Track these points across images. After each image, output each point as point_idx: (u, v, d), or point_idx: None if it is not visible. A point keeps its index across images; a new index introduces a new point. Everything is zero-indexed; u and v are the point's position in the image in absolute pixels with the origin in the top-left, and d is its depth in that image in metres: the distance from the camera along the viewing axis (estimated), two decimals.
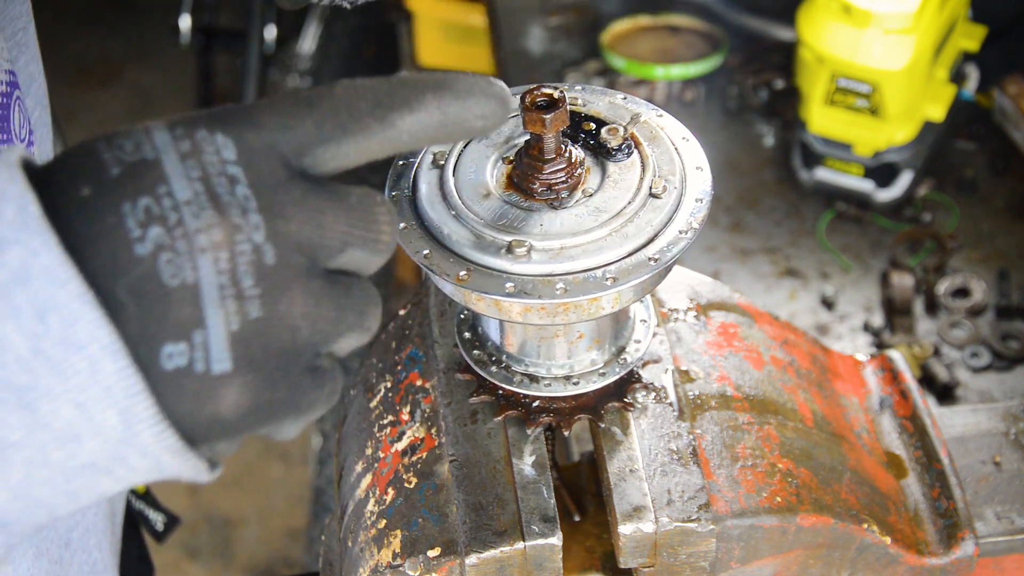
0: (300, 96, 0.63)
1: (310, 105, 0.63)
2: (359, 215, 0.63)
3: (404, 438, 0.92)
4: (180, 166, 0.60)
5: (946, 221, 1.86)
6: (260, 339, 0.60)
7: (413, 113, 0.64)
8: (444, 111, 0.64)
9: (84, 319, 0.57)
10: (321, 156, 0.63)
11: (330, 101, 0.63)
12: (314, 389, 0.63)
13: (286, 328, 0.61)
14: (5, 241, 0.57)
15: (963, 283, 1.75)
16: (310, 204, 0.62)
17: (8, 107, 0.91)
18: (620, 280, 0.76)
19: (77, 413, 0.58)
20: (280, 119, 0.62)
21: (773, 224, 1.90)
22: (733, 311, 1.00)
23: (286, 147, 0.62)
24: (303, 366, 0.62)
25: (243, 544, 3.24)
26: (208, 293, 0.58)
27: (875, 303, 1.76)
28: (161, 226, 0.58)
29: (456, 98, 0.64)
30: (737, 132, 2.06)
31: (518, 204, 0.80)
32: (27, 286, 0.57)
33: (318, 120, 0.63)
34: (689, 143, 0.84)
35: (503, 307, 0.77)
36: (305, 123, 0.63)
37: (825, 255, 1.84)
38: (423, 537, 0.85)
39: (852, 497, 0.92)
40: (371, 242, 0.64)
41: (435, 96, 0.64)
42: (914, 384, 1.04)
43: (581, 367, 0.88)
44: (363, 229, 0.63)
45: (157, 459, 0.61)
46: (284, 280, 0.60)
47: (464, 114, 0.65)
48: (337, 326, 0.63)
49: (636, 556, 0.86)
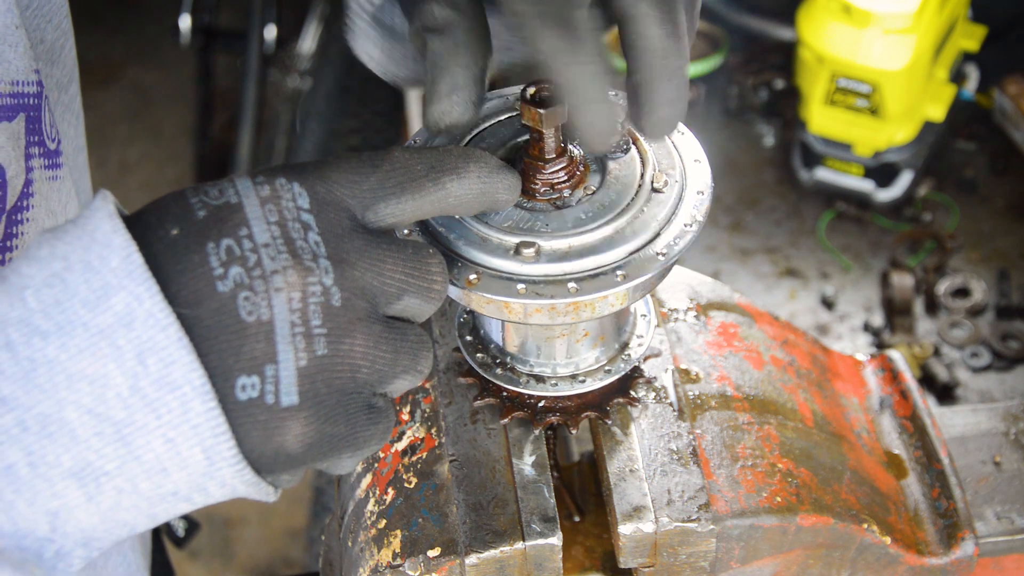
0: (365, 157, 0.70)
1: (374, 166, 0.70)
2: (414, 265, 0.69)
3: (404, 438, 0.92)
4: (260, 210, 0.66)
5: (946, 221, 1.86)
6: (324, 375, 0.65)
7: (460, 179, 0.71)
8: (483, 180, 0.72)
9: (180, 362, 0.62)
10: (382, 211, 0.70)
11: (391, 163, 0.70)
12: (370, 426, 0.68)
13: (348, 367, 0.66)
14: (111, 287, 0.62)
15: (963, 283, 1.75)
16: (372, 254, 0.68)
17: (40, 108, 0.94)
18: (631, 276, 0.76)
19: (167, 448, 0.63)
20: (348, 175, 0.69)
21: (773, 224, 1.90)
22: (733, 311, 1.00)
23: (352, 201, 0.69)
24: (361, 404, 0.68)
25: (243, 544, 3.24)
26: (281, 330, 0.64)
27: (875, 303, 1.76)
28: (241, 266, 0.64)
29: (491, 172, 0.73)
30: (737, 132, 2.06)
31: (521, 205, 0.80)
32: (130, 329, 0.62)
33: (381, 179, 0.69)
34: (685, 137, 0.84)
35: (513, 309, 0.77)
36: (370, 180, 0.69)
37: (825, 255, 1.84)
38: (423, 537, 0.85)
39: (852, 497, 0.92)
40: (425, 290, 0.70)
41: (476, 167, 0.72)
42: (914, 384, 1.04)
43: (586, 365, 0.88)
44: (418, 278, 0.69)
45: (233, 489, 0.67)
46: (348, 322, 0.66)
47: (495, 184, 0.73)
48: (393, 367, 0.68)
49: (636, 556, 0.86)
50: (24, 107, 0.93)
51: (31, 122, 0.94)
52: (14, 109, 0.92)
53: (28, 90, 0.93)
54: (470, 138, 0.84)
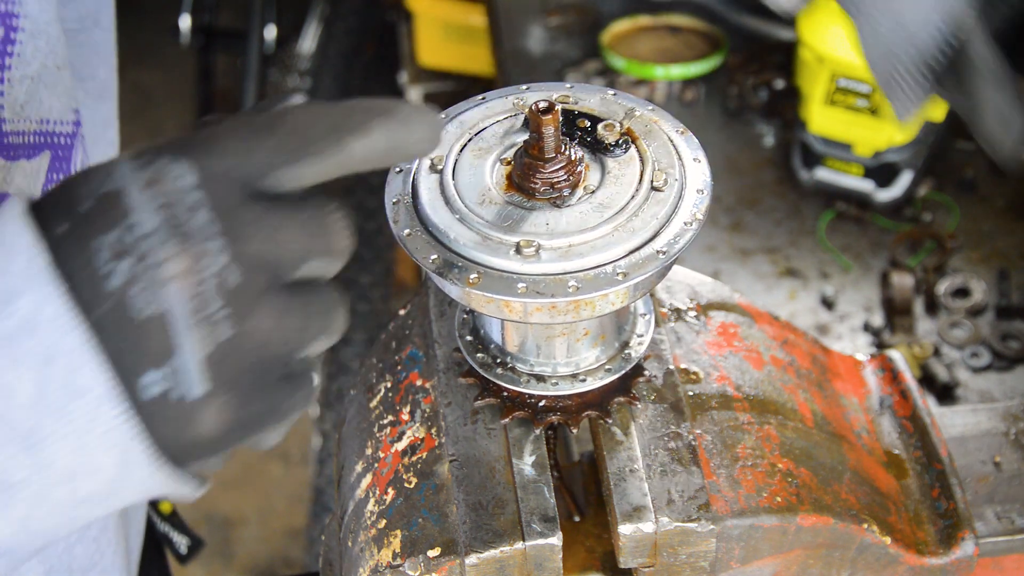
0: (259, 121, 0.66)
1: (269, 129, 0.65)
2: (314, 227, 0.66)
3: (404, 438, 0.92)
4: (144, 195, 0.62)
5: (946, 221, 1.86)
6: (233, 357, 0.63)
7: (364, 137, 0.66)
8: (390, 135, 0.67)
9: (85, 366, 0.60)
10: (279, 177, 0.65)
11: (288, 126, 0.66)
12: (290, 396, 0.66)
13: (256, 344, 0.63)
14: (15, 292, 0.60)
15: (963, 283, 1.75)
16: (269, 222, 0.64)
17: (71, 148, 0.95)
18: (631, 275, 0.76)
19: (78, 455, 0.62)
20: (240, 143, 0.65)
21: (773, 224, 1.90)
22: (733, 311, 1.00)
23: (245, 170, 0.64)
24: (277, 376, 0.65)
25: (243, 544, 3.24)
26: (179, 320, 0.61)
27: (875, 303, 1.76)
28: (130, 258, 0.61)
29: (400, 124, 0.68)
30: (737, 132, 2.06)
31: (521, 204, 0.80)
32: (34, 335, 0.60)
33: (276, 144, 0.65)
34: (684, 135, 0.84)
35: (513, 308, 0.77)
36: (264, 147, 0.65)
37: (825, 255, 1.84)
38: (423, 537, 0.85)
39: (852, 497, 0.92)
40: (327, 251, 0.66)
41: (383, 121, 0.67)
42: (914, 384, 1.04)
43: (587, 364, 0.88)
44: (319, 240, 0.66)
45: (151, 488, 0.64)
46: (250, 298, 0.63)
47: (406, 138, 0.68)
48: (304, 334, 0.66)
49: (636, 556, 0.86)
50: (51, 145, 0.94)
51: (57, 160, 0.94)
52: (38, 147, 0.92)
53: (59, 129, 0.94)
54: (470, 138, 0.85)
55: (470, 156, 0.83)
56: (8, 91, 0.88)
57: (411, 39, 2.92)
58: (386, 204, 0.82)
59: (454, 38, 2.80)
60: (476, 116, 0.86)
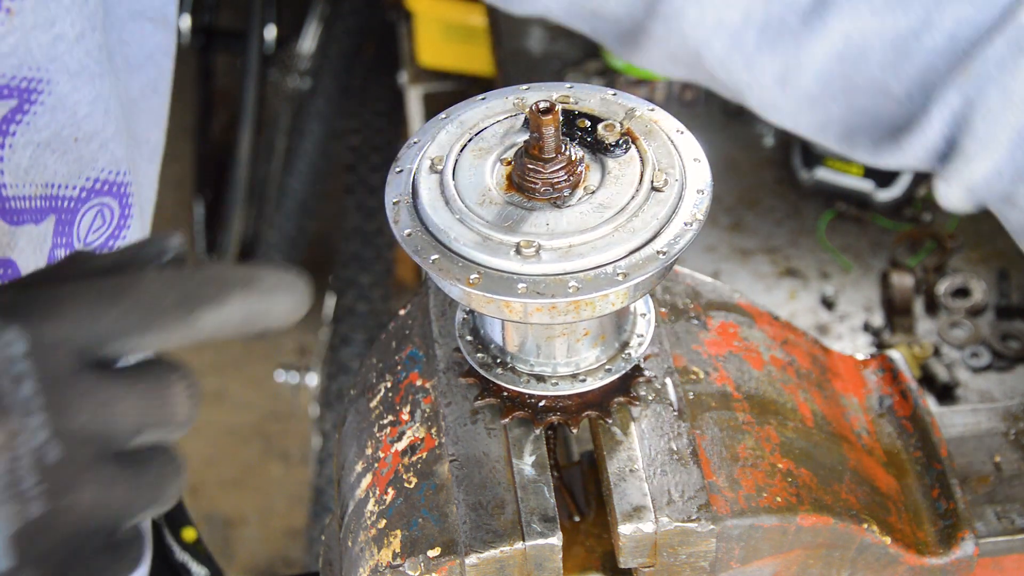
0: (106, 288, 0.63)
1: (114, 297, 0.62)
2: (153, 398, 0.63)
3: (404, 438, 0.92)
4: None
5: (946, 221, 1.86)
6: (45, 534, 0.61)
7: (217, 310, 0.64)
8: (247, 308, 0.64)
9: None
10: (120, 348, 0.63)
11: (136, 295, 0.63)
12: (111, 564, 0.64)
13: (75, 519, 0.61)
14: None
15: (963, 283, 1.75)
16: (100, 395, 0.62)
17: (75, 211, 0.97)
18: (631, 275, 0.76)
19: None
20: (82, 311, 0.62)
21: (773, 224, 1.90)
22: (733, 311, 1.00)
23: (83, 340, 0.62)
24: (98, 546, 0.63)
25: (243, 544, 3.24)
26: None
27: (875, 303, 1.76)
28: None
29: (260, 296, 0.65)
30: (737, 132, 2.06)
31: (521, 204, 0.80)
32: None
33: (120, 314, 0.62)
34: (684, 136, 0.84)
35: (513, 308, 0.77)
36: (107, 316, 0.62)
37: (825, 255, 1.84)
38: (423, 537, 0.85)
39: (852, 497, 0.92)
40: (165, 423, 0.64)
41: (241, 293, 0.64)
42: (914, 384, 1.04)
43: (587, 364, 0.88)
44: (158, 411, 0.64)
45: None
46: (71, 474, 0.61)
47: (266, 311, 0.65)
48: (131, 506, 0.64)
49: (636, 556, 0.86)
50: (55, 209, 0.94)
51: (60, 224, 0.95)
52: (44, 212, 0.93)
53: (64, 193, 0.94)
54: (470, 138, 0.85)
55: (470, 156, 0.83)
56: (10, 156, 0.89)
57: (411, 39, 2.92)
58: (386, 204, 0.82)
59: (454, 38, 2.80)
60: (476, 116, 0.86)
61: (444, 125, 0.86)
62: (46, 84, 0.88)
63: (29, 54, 0.86)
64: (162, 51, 1.02)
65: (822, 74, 1.10)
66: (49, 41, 0.86)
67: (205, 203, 3.66)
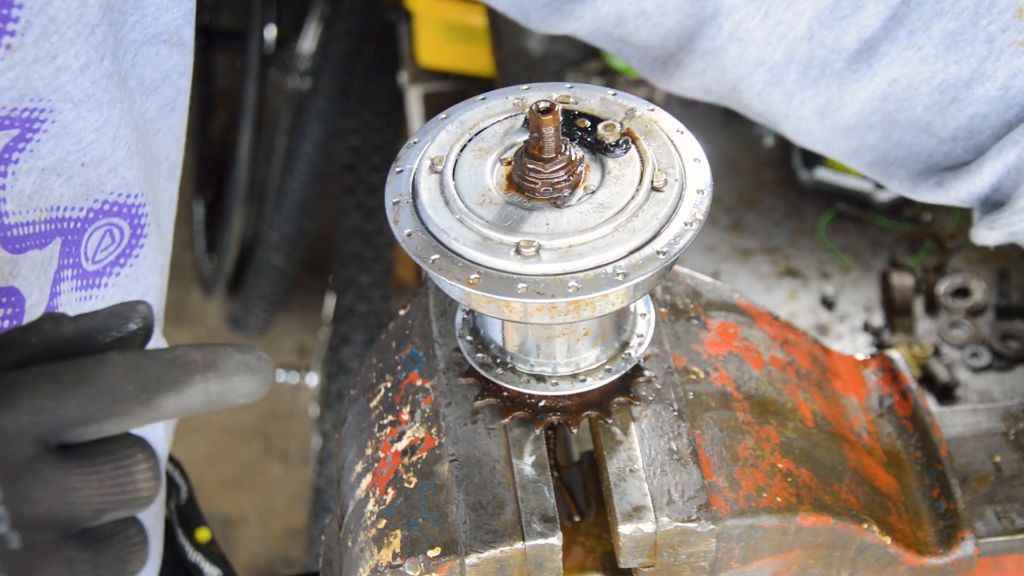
0: (66, 376, 0.63)
1: (75, 385, 0.62)
2: (114, 480, 0.64)
3: (404, 438, 0.92)
4: None
5: (946, 221, 1.86)
6: None
7: (178, 395, 0.64)
8: (209, 392, 0.65)
9: None
10: (80, 435, 0.63)
11: (96, 383, 0.63)
12: None
13: None
14: None
15: (963, 283, 1.75)
16: (61, 483, 0.62)
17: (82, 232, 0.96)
18: (631, 275, 0.76)
19: None
20: (42, 401, 0.62)
21: (773, 224, 1.90)
22: (733, 311, 1.00)
23: (43, 428, 0.62)
24: None
25: (243, 544, 3.24)
26: None
27: (875, 303, 1.76)
28: None
29: (222, 380, 0.65)
30: (737, 132, 2.06)
31: (521, 204, 0.80)
32: None
33: (81, 403, 0.62)
34: (684, 136, 0.84)
35: (513, 308, 0.77)
36: (67, 405, 0.62)
37: (825, 255, 1.84)
38: (423, 537, 0.85)
39: (852, 497, 0.92)
40: (127, 504, 0.64)
41: (202, 378, 0.65)
42: (914, 384, 1.04)
43: (587, 364, 0.88)
44: (119, 492, 0.64)
45: None
46: (32, 559, 0.61)
47: (228, 393, 0.66)
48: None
49: (636, 556, 0.86)
50: (61, 231, 0.94)
51: (67, 245, 0.95)
52: (49, 235, 0.93)
53: (70, 215, 0.95)
54: (470, 138, 0.85)
55: (470, 156, 0.83)
56: (13, 184, 0.89)
57: (411, 39, 2.92)
58: (386, 204, 0.82)
59: (454, 38, 2.80)
60: (476, 116, 0.86)
61: (444, 125, 0.86)
62: (49, 113, 0.88)
63: (30, 86, 0.85)
64: (179, 72, 1.02)
65: (864, 111, 1.09)
66: (51, 73, 0.86)
67: (205, 203, 3.66)
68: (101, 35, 0.89)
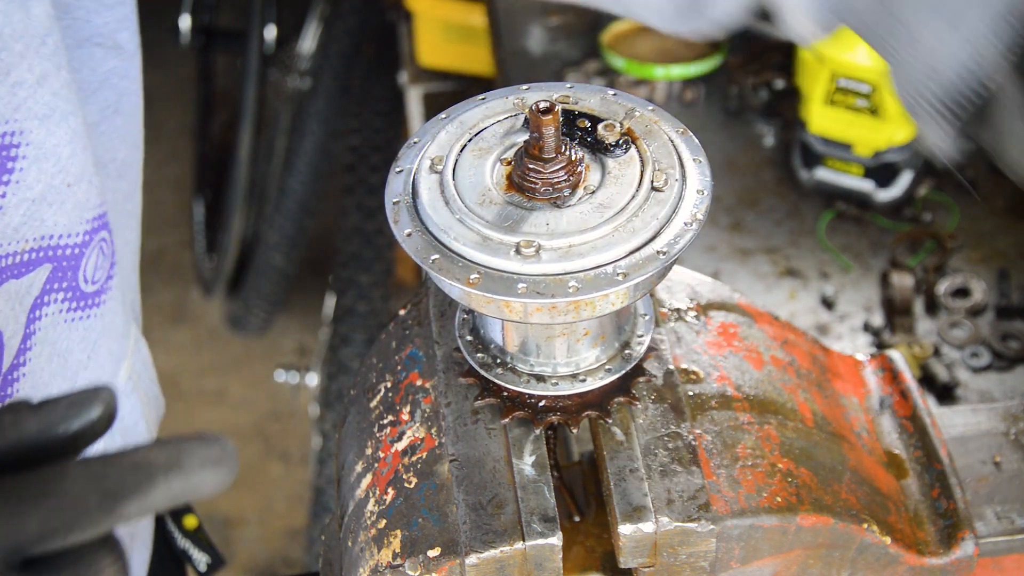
0: (27, 490, 0.62)
1: (36, 501, 0.62)
2: None
3: (404, 438, 0.92)
4: None
5: (946, 221, 1.86)
6: None
7: (141, 499, 0.63)
8: (171, 490, 0.64)
9: None
10: (44, 549, 0.62)
11: (58, 496, 0.62)
12: None
13: None
14: None
15: (963, 283, 1.75)
16: None
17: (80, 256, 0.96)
18: (631, 275, 0.76)
19: None
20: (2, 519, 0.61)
21: (773, 224, 1.90)
22: (733, 311, 1.00)
23: (7, 547, 0.61)
24: None
25: (243, 544, 3.24)
26: None
27: (875, 303, 1.76)
28: None
29: (185, 478, 0.64)
30: (737, 132, 2.06)
31: (521, 204, 0.80)
32: None
33: (43, 519, 0.61)
34: (684, 136, 0.84)
35: (513, 308, 0.77)
36: (29, 523, 0.61)
37: (825, 255, 1.84)
38: (423, 537, 0.85)
39: (852, 497, 0.92)
40: None
41: (164, 479, 0.64)
42: (914, 384, 1.04)
43: (587, 364, 0.88)
44: None
45: None
46: None
47: (191, 491, 0.65)
48: None
49: (636, 556, 0.86)
50: (52, 259, 0.93)
51: (59, 271, 0.94)
52: (33, 263, 0.92)
53: (65, 242, 0.94)
54: (470, 138, 0.85)
55: (470, 156, 0.83)
56: (0, 218, 0.87)
57: (411, 39, 2.92)
58: (386, 204, 0.82)
59: (454, 38, 2.80)
60: (476, 116, 0.86)
61: (444, 125, 0.86)
62: (20, 136, 0.86)
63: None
64: (119, 75, 1.01)
65: None
66: (7, 91, 0.84)
67: (205, 203, 3.66)
68: (53, 45, 0.87)
